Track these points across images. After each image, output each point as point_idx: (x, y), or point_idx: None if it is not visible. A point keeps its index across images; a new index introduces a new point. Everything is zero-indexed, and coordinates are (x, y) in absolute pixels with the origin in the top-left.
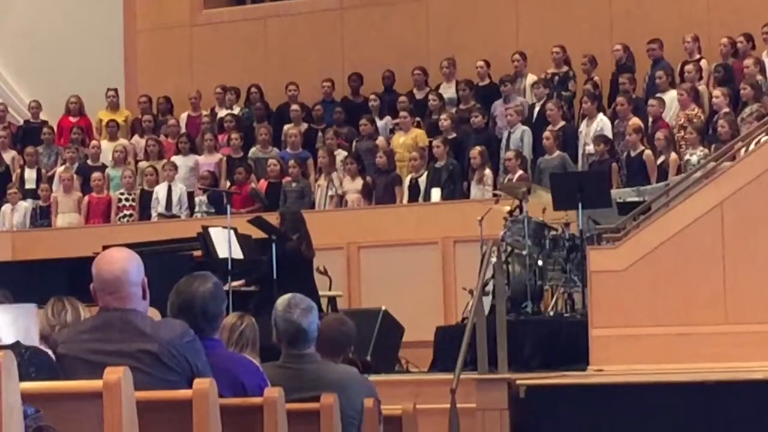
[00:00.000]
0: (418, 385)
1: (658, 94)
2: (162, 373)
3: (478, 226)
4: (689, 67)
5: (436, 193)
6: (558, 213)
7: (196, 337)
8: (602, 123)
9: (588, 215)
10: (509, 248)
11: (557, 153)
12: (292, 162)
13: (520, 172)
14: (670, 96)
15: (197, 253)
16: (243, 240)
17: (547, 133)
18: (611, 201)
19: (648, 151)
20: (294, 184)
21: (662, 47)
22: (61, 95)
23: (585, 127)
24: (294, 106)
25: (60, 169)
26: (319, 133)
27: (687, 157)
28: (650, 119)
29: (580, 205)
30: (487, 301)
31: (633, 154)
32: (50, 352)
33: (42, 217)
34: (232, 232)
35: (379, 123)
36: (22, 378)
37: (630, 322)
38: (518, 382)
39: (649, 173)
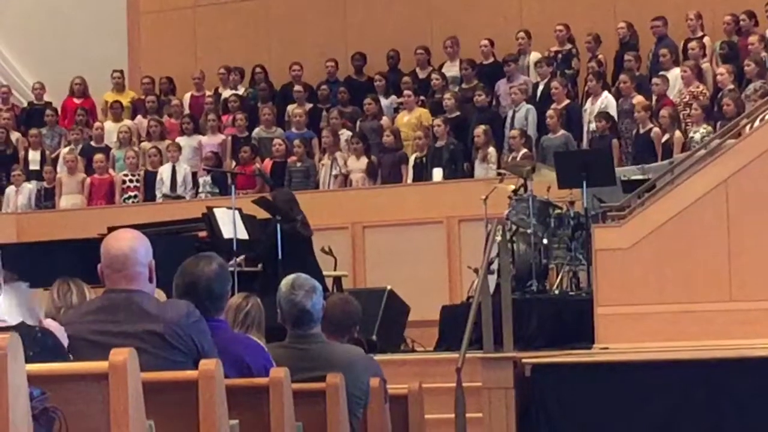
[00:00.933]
0: (423, 364)
1: (662, 72)
2: (168, 353)
3: (482, 205)
4: (693, 44)
5: (437, 173)
6: (563, 191)
7: (202, 318)
8: (607, 101)
9: (593, 193)
10: (514, 227)
11: (561, 132)
12: (297, 142)
13: (525, 150)
14: (674, 74)
15: (202, 233)
16: (248, 220)
17: (550, 112)
18: (616, 179)
19: (656, 129)
20: (299, 164)
21: (666, 24)
22: (64, 77)
23: (590, 105)
24: (297, 87)
25: (64, 150)
26: (324, 113)
27: (691, 134)
28: (654, 97)
29: (584, 183)
30: (492, 279)
31: (641, 131)
32: (61, 328)
33: (46, 198)
34: (236, 212)
35: (384, 102)
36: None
37: (635, 300)
38: (524, 360)
39: (656, 151)
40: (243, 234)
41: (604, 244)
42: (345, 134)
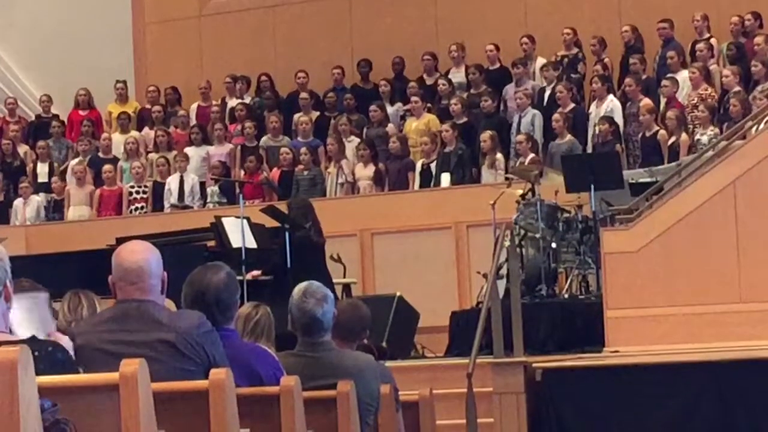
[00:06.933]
0: (434, 370)
1: (670, 74)
2: (179, 362)
3: (490, 210)
4: (700, 45)
5: (445, 178)
6: (570, 195)
7: (214, 329)
8: (612, 104)
9: (600, 197)
10: (522, 231)
11: (568, 137)
12: (303, 150)
13: (532, 155)
14: (683, 76)
15: (211, 243)
16: (256, 229)
17: (556, 116)
18: (624, 182)
19: (662, 131)
20: (306, 173)
21: (673, 27)
22: (71, 89)
23: (595, 108)
24: (303, 94)
25: (73, 162)
26: (332, 121)
27: (698, 136)
28: (663, 99)
29: (592, 186)
30: (501, 284)
31: (648, 134)
32: (70, 342)
33: (55, 210)
34: (245, 221)
35: (390, 109)
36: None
37: (644, 303)
38: (534, 365)
39: (663, 153)
40: (252, 243)
41: (612, 247)
42: (354, 141)
